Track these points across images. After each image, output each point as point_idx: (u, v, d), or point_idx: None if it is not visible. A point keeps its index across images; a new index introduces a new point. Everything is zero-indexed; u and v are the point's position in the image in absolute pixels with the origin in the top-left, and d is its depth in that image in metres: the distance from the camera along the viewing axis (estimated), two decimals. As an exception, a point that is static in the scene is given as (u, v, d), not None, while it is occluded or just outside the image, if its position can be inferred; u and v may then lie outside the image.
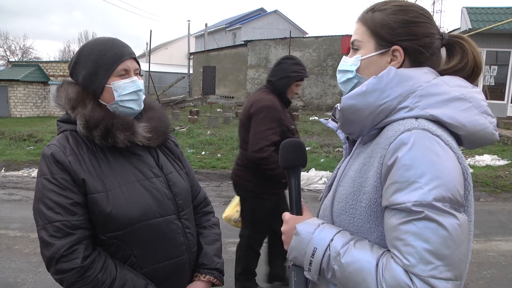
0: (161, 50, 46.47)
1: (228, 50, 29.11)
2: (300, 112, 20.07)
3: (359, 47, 1.20)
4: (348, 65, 1.22)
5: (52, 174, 1.37)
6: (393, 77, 1.07)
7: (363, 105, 1.08)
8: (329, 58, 22.69)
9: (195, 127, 14.36)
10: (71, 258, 1.32)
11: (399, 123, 1.04)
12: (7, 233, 5.23)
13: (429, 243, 0.92)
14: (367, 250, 1.02)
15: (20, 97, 22.09)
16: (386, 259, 0.99)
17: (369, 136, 1.13)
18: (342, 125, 1.16)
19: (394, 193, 0.98)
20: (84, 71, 1.48)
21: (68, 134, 1.46)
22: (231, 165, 9.01)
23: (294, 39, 23.02)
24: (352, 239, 1.07)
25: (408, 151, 0.97)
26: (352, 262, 1.01)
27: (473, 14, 14.66)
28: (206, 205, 1.80)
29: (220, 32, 40.90)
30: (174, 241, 1.51)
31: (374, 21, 1.17)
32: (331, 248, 1.06)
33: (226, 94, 27.88)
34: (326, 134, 13.17)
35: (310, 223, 1.15)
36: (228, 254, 4.55)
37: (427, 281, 0.92)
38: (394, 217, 0.98)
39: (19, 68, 23.34)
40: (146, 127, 1.50)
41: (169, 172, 1.57)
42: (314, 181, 7.94)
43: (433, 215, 0.93)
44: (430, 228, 0.93)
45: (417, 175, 0.95)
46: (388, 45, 1.15)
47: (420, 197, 0.94)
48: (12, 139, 12.34)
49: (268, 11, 40.47)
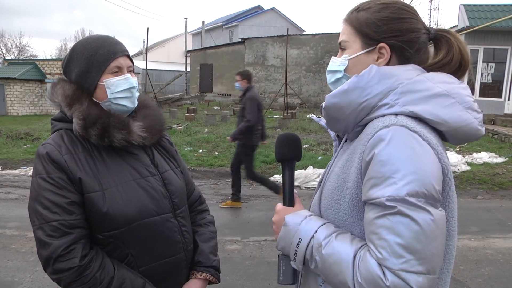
0: (158, 48, 46.31)
1: (225, 47, 29.04)
2: (298, 109, 20.06)
3: (346, 47, 1.22)
4: (337, 65, 1.24)
5: (48, 173, 1.35)
6: (374, 75, 1.09)
7: (346, 103, 1.10)
8: (327, 56, 22.66)
9: (193, 125, 14.34)
10: (69, 257, 1.30)
11: (379, 120, 1.06)
12: (4, 232, 5.21)
13: (401, 237, 0.94)
14: (347, 243, 1.05)
15: (16, 96, 21.98)
16: (363, 252, 1.01)
17: (354, 133, 1.15)
18: (327, 123, 1.20)
19: (370, 188, 1.01)
20: (77, 69, 1.46)
21: (63, 133, 1.44)
22: (229, 163, 9.12)
23: (291, 36, 22.97)
24: (335, 231, 1.10)
25: (385, 147, 1.00)
26: (332, 254, 1.05)
27: (471, 11, 14.66)
28: (201, 203, 1.80)
29: (217, 29, 40.79)
30: (170, 239, 1.51)
31: (359, 20, 1.18)
32: (315, 239, 1.10)
33: (224, 92, 27.84)
34: (324, 132, 13.15)
35: (298, 214, 1.19)
36: (226, 253, 4.56)
37: (398, 274, 0.94)
38: (371, 211, 1.01)
39: (16, 66, 23.20)
40: (141, 126, 1.49)
41: (164, 171, 1.56)
42: (312, 178, 7.97)
43: (405, 210, 0.95)
44: (403, 223, 0.95)
45: (392, 171, 0.97)
46: (374, 43, 1.16)
47: (394, 192, 0.96)
48: (9, 137, 12.28)
49: (265, 9, 40.40)
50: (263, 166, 9.12)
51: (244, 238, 5.02)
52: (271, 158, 9.45)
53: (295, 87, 22.04)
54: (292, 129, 13.87)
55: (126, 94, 1.48)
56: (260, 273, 4.08)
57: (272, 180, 7.27)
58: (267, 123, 14.97)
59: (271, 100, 21.69)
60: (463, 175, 8.03)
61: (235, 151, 6.54)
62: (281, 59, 23.42)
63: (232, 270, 4.16)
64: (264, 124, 6.44)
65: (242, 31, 35.86)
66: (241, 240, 4.95)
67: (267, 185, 6.25)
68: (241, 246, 4.81)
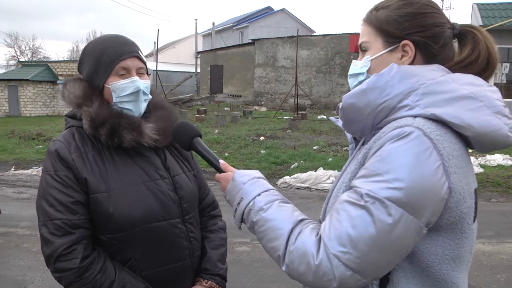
0: (168, 49, 46.56)
1: (235, 49, 29.05)
2: (308, 110, 20.00)
3: (367, 48, 1.17)
4: (359, 68, 1.19)
5: (56, 171, 1.35)
6: (395, 75, 1.03)
7: (363, 103, 1.05)
8: (337, 57, 22.55)
9: (203, 126, 14.37)
10: (70, 257, 1.30)
11: (396, 121, 1.01)
12: (16, 231, 5.26)
13: (355, 231, 0.93)
14: (288, 213, 1.07)
15: (29, 97, 22.28)
16: (305, 227, 1.03)
17: (371, 136, 1.09)
18: (344, 124, 1.15)
19: (359, 177, 1.00)
20: (87, 69, 1.46)
21: (74, 130, 1.44)
22: (239, 164, 9.15)
23: (301, 37, 22.87)
24: (278, 199, 1.12)
25: (389, 144, 0.96)
26: (271, 220, 1.06)
27: (484, 10, 14.45)
28: (214, 208, 1.75)
29: (227, 31, 40.88)
30: (176, 245, 1.47)
31: (379, 19, 1.14)
32: (256, 202, 1.11)
33: (234, 93, 27.85)
34: (334, 133, 13.09)
35: (246, 174, 1.21)
36: (235, 254, 4.56)
37: (330, 257, 0.94)
38: (348, 193, 1.00)
39: (29, 68, 23.55)
40: (153, 128, 1.46)
41: (175, 174, 1.52)
42: (322, 180, 7.88)
43: (374, 210, 0.92)
44: (364, 220, 0.93)
45: (384, 169, 0.94)
46: (396, 41, 1.11)
47: (375, 189, 0.94)
48: (21, 138, 12.45)
49: (275, 10, 40.41)
50: (273, 167, 9.08)
51: (253, 240, 4.98)
52: (281, 159, 9.44)
53: (306, 88, 21.95)
54: (302, 130, 13.82)
55: (132, 98, 1.44)
56: (269, 275, 4.05)
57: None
58: (277, 124, 15.17)
59: (281, 101, 21.65)
60: (476, 177, 7.90)
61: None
62: (291, 60, 23.37)
63: (241, 272, 4.14)
64: None
65: (252, 32, 35.90)
66: (250, 242, 4.92)
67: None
68: (250, 248, 4.79)
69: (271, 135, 12.48)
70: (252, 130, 13.39)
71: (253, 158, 9.75)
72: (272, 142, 11.17)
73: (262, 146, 10.76)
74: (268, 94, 25.08)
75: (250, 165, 9.14)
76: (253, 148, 10.65)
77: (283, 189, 7.75)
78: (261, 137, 11.92)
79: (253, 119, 17.07)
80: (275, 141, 11.37)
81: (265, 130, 13.55)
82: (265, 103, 24.27)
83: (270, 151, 10.20)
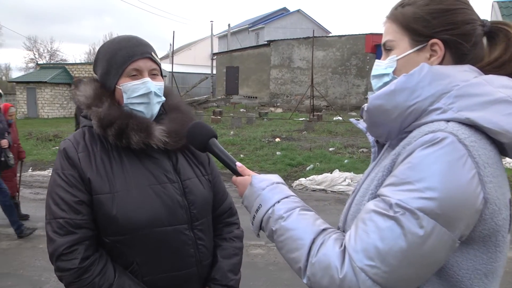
0: (184, 51, 46.87)
1: (251, 50, 29.12)
2: (324, 112, 19.89)
3: (392, 47, 1.10)
4: (383, 68, 1.12)
5: (63, 169, 1.36)
6: (426, 75, 0.96)
7: (391, 105, 0.98)
8: (353, 57, 22.36)
9: (218, 127, 14.41)
10: (70, 257, 1.30)
11: (427, 125, 0.94)
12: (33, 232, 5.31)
13: (383, 243, 0.88)
14: (309, 222, 1.02)
15: (47, 99, 22.69)
16: (328, 237, 0.97)
17: (398, 141, 1.02)
18: (368, 127, 1.08)
19: (387, 185, 0.94)
20: (100, 70, 1.46)
21: (86, 130, 1.44)
22: (254, 166, 9.13)
23: (317, 38, 22.79)
24: (299, 207, 1.06)
25: (421, 150, 0.90)
26: (291, 229, 1.01)
27: (505, 8, 14.12)
28: (230, 215, 1.68)
29: (243, 32, 40.98)
30: (182, 252, 1.42)
31: (405, 16, 1.06)
32: (275, 210, 1.06)
33: (249, 94, 27.89)
34: (350, 135, 12.99)
35: (266, 179, 1.15)
36: (250, 257, 4.53)
37: (356, 271, 0.89)
38: (375, 202, 0.94)
39: (47, 70, 24.01)
40: (164, 130, 1.42)
41: (186, 178, 1.47)
42: (338, 182, 7.85)
43: (405, 221, 0.86)
44: (393, 232, 0.87)
45: (415, 178, 0.88)
46: (424, 40, 1.04)
47: (406, 199, 0.87)
48: (39, 139, 12.66)
49: (291, 11, 40.33)
50: (288, 169, 9.05)
51: (268, 242, 4.94)
52: (297, 161, 9.40)
53: (321, 89, 21.84)
54: (318, 131, 13.75)
55: (143, 99, 1.42)
56: (284, 279, 4.01)
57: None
58: (293, 125, 15.10)
59: (297, 102, 21.60)
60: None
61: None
62: (307, 61, 23.28)
63: (255, 275, 4.12)
64: None
65: (268, 33, 35.90)
66: (265, 245, 4.89)
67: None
68: (265, 250, 4.76)
69: (286, 136, 12.46)
70: (267, 131, 13.39)
71: (269, 159, 9.74)
72: (288, 144, 11.14)
73: (278, 148, 10.74)
74: (283, 96, 25.03)
75: (265, 167, 9.14)
76: (269, 149, 10.64)
77: (298, 191, 7.72)
78: (277, 139, 11.91)
79: (269, 120, 17.06)
80: (290, 143, 11.34)
81: (281, 131, 13.53)
82: (280, 104, 24.22)
83: (285, 152, 10.18)
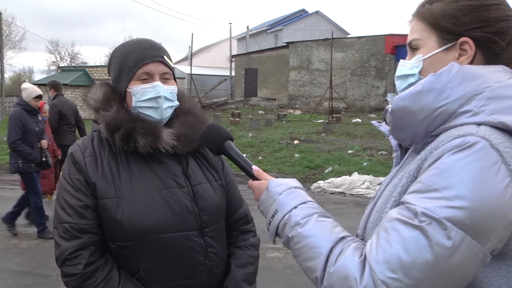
0: (203, 53, 47.16)
1: (269, 52, 29.13)
2: (343, 114, 19.73)
3: (418, 46, 1.05)
4: (408, 69, 1.07)
5: (70, 173, 1.36)
6: (455, 75, 0.91)
7: (418, 107, 0.92)
8: (372, 59, 22.08)
9: (237, 129, 14.43)
10: (74, 262, 1.29)
11: (456, 129, 0.88)
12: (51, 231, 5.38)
13: (407, 255, 0.81)
14: (327, 229, 0.97)
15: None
16: (347, 246, 0.92)
17: (423, 145, 0.96)
18: (392, 130, 1.02)
19: (412, 192, 0.88)
20: (112, 73, 1.47)
21: (95, 135, 1.44)
22: (273, 168, 9.10)
23: (336, 39, 22.60)
24: (317, 213, 1.02)
25: (449, 156, 0.84)
26: (308, 237, 0.97)
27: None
28: (246, 223, 1.62)
29: (261, 34, 41.00)
30: (190, 260, 1.37)
31: (433, 13, 1.01)
32: (292, 216, 1.02)
33: (268, 96, 27.88)
34: (369, 137, 12.83)
35: (283, 183, 1.11)
36: (266, 261, 4.50)
37: (377, 284, 0.83)
38: (399, 210, 0.88)
39: (67, 73, 24.47)
40: (172, 133, 1.40)
41: (197, 183, 1.44)
42: (357, 185, 7.75)
43: (431, 232, 0.80)
44: (419, 243, 0.81)
45: (443, 185, 0.82)
46: (453, 38, 0.99)
47: (432, 207, 0.81)
48: (61, 141, 12.87)
49: (309, 12, 40.16)
50: (307, 171, 8.99)
51: (285, 245, 4.92)
52: (315, 163, 9.33)
53: (340, 91, 21.66)
54: (337, 133, 13.64)
55: (152, 103, 1.39)
56: (301, 283, 3.96)
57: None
58: (311, 127, 15.00)
59: (316, 104, 21.47)
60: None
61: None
62: (326, 62, 23.13)
63: (273, 278, 4.09)
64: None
65: (287, 35, 35.84)
66: (282, 248, 4.84)
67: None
68: (282, 254, 4.71)
69: (305, 138, 12.39)
70: (286, 133, 13.35)
71: (287, 162, 9.69)
72: (306, 146, 11.08)
73: (296, 150, 10.68)
74: (302, 97, 24.93)
75: (283, 169, 9.09)
76: (287, 152, 10.59)
77: (317, 194, 7.65)
78: (295, 141, 11.85)
79: (287, 122, 17.01)
80: (309, 145, 11.27)
81: (299, 133, 13.46)
82: (299, 106, 24.13)
83: (304, 155, 10.11)
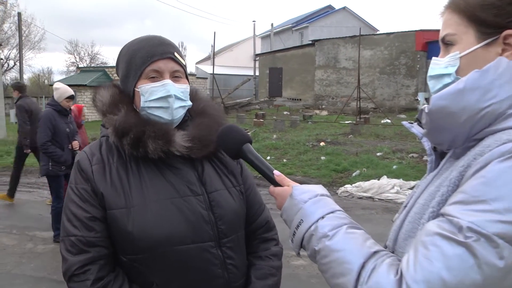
0: (226, 52, 47.28)
1: (295, 50, 28.94)
2: (371, 114, 19.38)
3: (453, 42, 0.96)
4: (442, 68, 0.98)
5: (76, 183, 1.29)
6: (504, 72, 0.84)
7: (459, 107, 0.85)
8: (402, 56, 21.57)
9: (261, 130, 14.37)
10: (82, 278, 1.22)
11: (504, 132, 0.82)
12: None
13: (451, 275, 0.73)
14: (358, 243, 0.89)
15: (87, 102, 23.45)
16: (381, 262, 0.84)
17: (464, 150, 0.89)
18: (429, 132, 0.94)
19: (455, 202, 0.79)
20: (120, 72, 1.39)
21: (104, 141, 1.36)
22: (298, 171, 8.95)
23: (364, 36, 22.25)
24: (346, 224, 0.93)
25: (497, 163, 0.77)
26: (337, 250, 0.89)
27: None
28: (267, 230, 1.52)
29: (286, 32, 40.79)
30: (208, 273, 1.29)
31: (469, 4, 0.94)
32: (319, 226, 0.94)
33: (293, 96, 27.71)
34: (399, 139, 12.54)
35: (308, 190, 1.03)
36: (291, 269, 4.46)
37: None
38: (439, 223, 0.79)
39: (87, 74, 24.99)
40: (186, 135, 1.30)
41: (214, 190, 1.34)
42: (386, 189, 7.59)
43: (479, 249, 0.72)
44: (464, 262, 0.73)
45: (492, 195, 0.74)
46: (495, 32, 0.90)
47: (480, 221, 0.73)
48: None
49: (336, 8, 39.78)
50: (333, 175, 8.83)
51: (311, 255, 4.77)
52: (342, 166, 9.17)
53: (368, 91, 21.24)
54: (365, 135, 13.42)
55: (162, 103, 1.30)
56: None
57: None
58: (338, 128, 14.72)
59: (343, 104, 21.17)
60: None
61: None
62: (353, 61, 22.77)
63: (297, 287, 4.00)
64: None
65: (312, 32, 35.52)
66: (307, 256, 4.68)
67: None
68: (307, 262, 4.57)
69: (332, 140, 12.22)
70: (312, 135, 13.21)
71: (313, 165, 9.55)
72: (333, 148, 10.92)
73: (322, 152, 10.53)
74: (329, 97, 24.62)
75: (309, 173, 8.97)
76: (313, 154, 10.47)
77: (344, 199, 7.51)
78: (321, 143, 11.70)
79: (313, 123, 16.84)
80: (336, 147, 11.10)
81: (326, 135, 13.30)
82: (326, 106, 23.83)
83: (330, 157, 9.97)
